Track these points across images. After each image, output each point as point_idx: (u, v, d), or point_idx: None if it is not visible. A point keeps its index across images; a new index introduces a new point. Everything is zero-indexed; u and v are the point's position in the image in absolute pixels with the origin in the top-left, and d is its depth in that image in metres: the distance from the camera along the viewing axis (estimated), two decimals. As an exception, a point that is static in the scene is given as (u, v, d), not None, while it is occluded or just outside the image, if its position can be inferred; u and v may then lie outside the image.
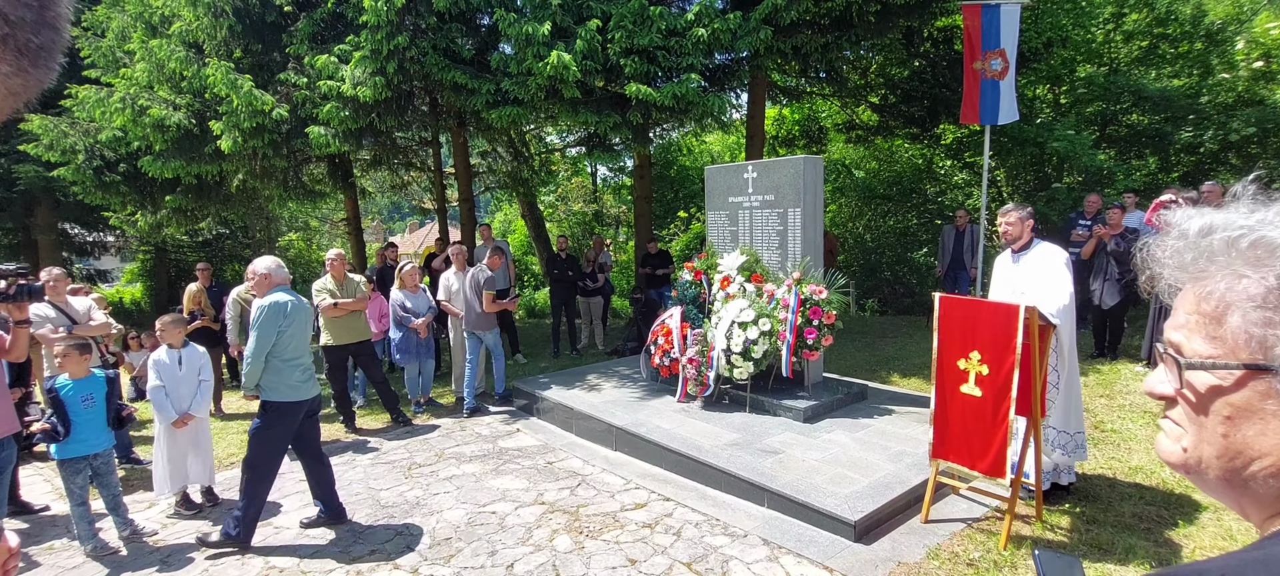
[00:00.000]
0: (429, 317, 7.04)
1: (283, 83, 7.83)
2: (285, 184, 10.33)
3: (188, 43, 8.24)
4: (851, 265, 13.67)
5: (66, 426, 4.05)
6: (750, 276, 5.92)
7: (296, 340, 4.20)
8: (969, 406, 3.78)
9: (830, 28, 7.89)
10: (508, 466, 5.36)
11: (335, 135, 7.62)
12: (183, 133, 8.13)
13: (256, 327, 4.07)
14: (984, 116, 7.75)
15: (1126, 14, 11.42)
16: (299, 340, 4.23)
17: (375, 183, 15.81)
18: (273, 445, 4.18)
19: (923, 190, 14.13)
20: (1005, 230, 4.19)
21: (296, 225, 23.17)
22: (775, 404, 5.58)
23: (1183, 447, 0.67)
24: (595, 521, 4.31)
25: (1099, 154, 10.41)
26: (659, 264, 9.95)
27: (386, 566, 3.86)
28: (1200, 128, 10.46)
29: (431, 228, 31.58)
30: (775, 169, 5.92)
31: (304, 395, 4.26)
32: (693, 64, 6.97)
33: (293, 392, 4.20)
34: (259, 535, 4.33)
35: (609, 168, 19.15)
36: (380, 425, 6.65)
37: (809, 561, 3.68)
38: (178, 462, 4.65)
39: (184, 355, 4.73)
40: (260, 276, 4.23)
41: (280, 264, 4.35)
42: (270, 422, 4.15)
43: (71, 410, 4.09)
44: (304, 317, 4.29)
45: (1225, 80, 11.01)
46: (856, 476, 4.33)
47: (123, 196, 10.47)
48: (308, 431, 4.42)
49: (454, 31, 7.54)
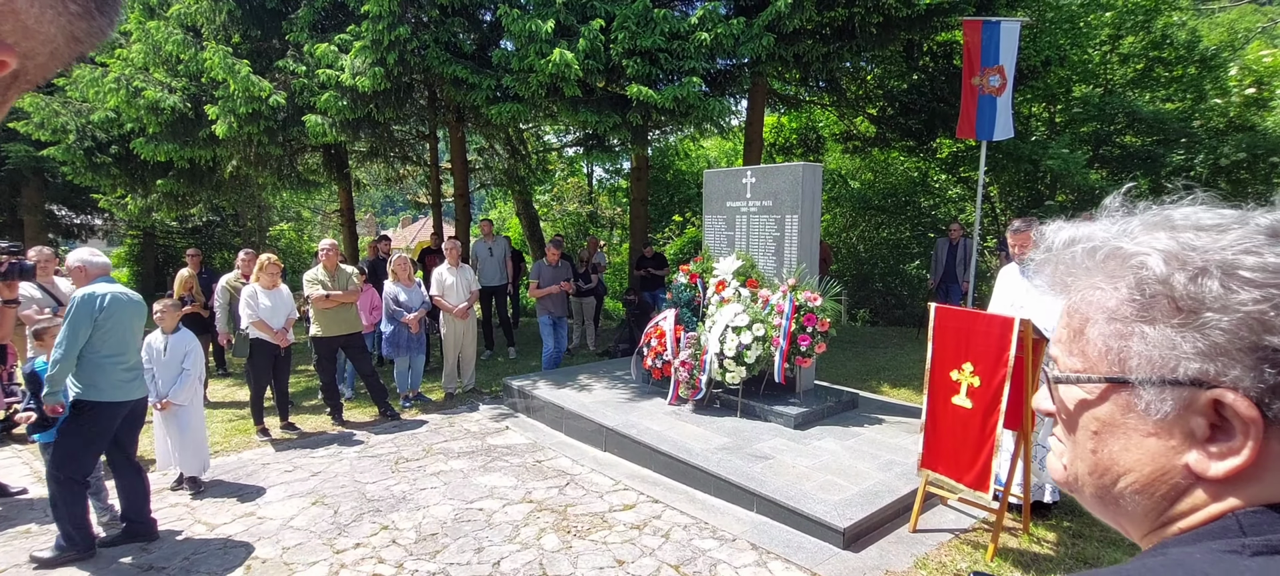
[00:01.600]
0: (422, 312, 6.99)
1: (281, 70, 7.77)
2: (279, 172, 10.26)
3: (186, 25, 8.17)
4: (844, 275, 13.72)
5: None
6: (745, 281, 5.92)
7: (116, 335, 3.81)
8: (958, 418, 3.79)
9: (832, 37, 7.92)
10: (496, 463, 5.33)
11: (332, 125, 7.57)
12: (177, 116, 8.05)
13: (66, 323, 3.71)
14: (980, 132, 7.79)
15: (1123, 36, 11.54)
16: (120, 336, 3.84)
17: (370, 175, 15.73)
18: (82, 449, 3.75)
19: (917, 203, 14.20)
20: (1017, 247, 4.15)
21: (288, 215, 22.99)
22: (766, 409, 5.57)
23: (1063, 464, 0.65)
24: (583, 521, 4.28)
25: (1092, 173, 10.49)
26: (653, 266, 9.94)
27: (371, 561, 3.82)
28: (1192, 151, 10.57)
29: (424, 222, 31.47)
30: (774, 175, 5.92)
31: (126, 396, 3.88)
32: (695, 67, 6.98)
33: (114, 392, 3.81)
34: (242, 524, 4.29)
35: (605, 169, 19.15)
36: (368, 418, 6.59)
37: (797, 567, 3.67)
38: (165, 444, 4.63)
39: (170, 341, 4.69)
40: (75, 269, 3.90)
41: (96, 253, 4.01)
42: (83, 424, 3.76)
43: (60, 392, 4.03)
44: (128, 312, 3.89)
45: (1217, 105, 11.14)
46: (846, 484, 4.33)
47: (113, 178, 10.35)
48: (125, 436, 4.01)
49: (456, 25, 7.52)
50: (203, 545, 4.03)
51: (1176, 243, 0.56)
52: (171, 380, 4.65)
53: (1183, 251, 0.55)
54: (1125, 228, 0.60)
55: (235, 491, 4.84)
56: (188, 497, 4.72)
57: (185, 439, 4.71)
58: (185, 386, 4.70)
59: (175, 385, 4.65)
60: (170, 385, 4.63)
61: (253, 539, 4.09)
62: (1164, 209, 0.61)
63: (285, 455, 5.58)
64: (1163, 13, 11.24)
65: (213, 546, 4.01)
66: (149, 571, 3.74)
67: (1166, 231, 0.57)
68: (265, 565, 3.79)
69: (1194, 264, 0.54)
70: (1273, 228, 0.55)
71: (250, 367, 6.03)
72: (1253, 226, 0.55)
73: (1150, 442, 0.57)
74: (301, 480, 5.02)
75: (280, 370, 6.06)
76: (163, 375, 4.63)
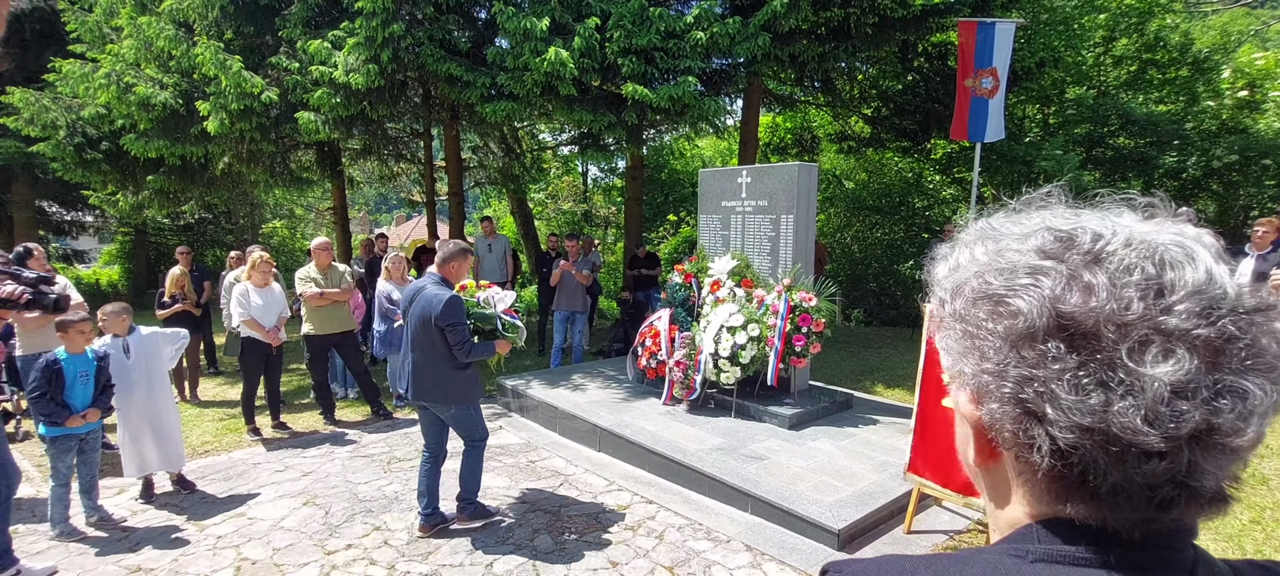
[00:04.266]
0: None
1: (274, 66, 7.71)
2: (272, 169, 10.19)
3: (178, 21, 8.09)
4: (839, 274, 13.73)
5: (61, 402, 3.95)
6: (741, 281, 5.91)
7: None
8: (948, 422, 3.78)
9: (828, 38, 7.92)
10: (489, 464, 5.28)
11: (325, 122, 7.52)
12: (169, 112, 7.97)
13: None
14: (972, 134, 7.81)
15: (1117, 38, 11.59)
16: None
17: (363, 173, 15.63)
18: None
19: (911, 203, 14.22)
20: None
21: (281, 212, 22.85)
22: (761, 410, 5.57)
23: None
24: (577, 522, 4.26)
25: (1085, 174, 10.53)
26: (646, 266, 9.93)
27: (363, 562, 3.79)
28: (1184, 153, 10.63)
29: (418, 221, 31.35)
30: (769, 175, 5.91)
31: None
32: (690, 67, 6.96)
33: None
34: (232, 524, 4.25)
35: (600, 168, 19.12)
36: (360, 418, 6.55)
37: (792, 569, 3.66)
38: (134, 449, 4.46)
39: (131, 343, 4.50)
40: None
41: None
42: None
43: (69, 386, 3.99)
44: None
45: (1210, 108, 11.20)
46: (840, 485, 4.32)
47: (104, 175, 10.25)
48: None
49: (451, 23, 7.48)
50: (192, 546, 3.99)
51: (967, 254, 0.61)
52: (142, 383, 4.47)
53: (965, 261, 0.60)
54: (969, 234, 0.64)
55: (225, 491, 4.79)
56: (177, 498, 4.67)
57: (163, 436, 4.56)
58: (155, 387, 4.54)
59: (149, 385, 4.50)
60: (137, 388, 4.45)
61: (243, 539, 4.05)
62: (994, 219, 0.62)
63: (276, 455, 5.54)
64: (1156, 15, 11.29)
65: (202, 547, 3.97)
66: (137, 573, 3.70)
67: (980, 245, 0.61)
68: (255, 566, 3.75)
69: (961, 273, 0.59)
70: (1043, 244, 0.55)
71: (241, 366, 5.98)
72: (1020, 237, 0.57)
73: (959, 428, 0.63)
74: (293, 480, 4.98)
75: (272, 369, 6.01)
76: (126, 379, 4.40)
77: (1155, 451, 0.48)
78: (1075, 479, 0.52)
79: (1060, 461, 0.51)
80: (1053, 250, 0.54)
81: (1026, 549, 0.55)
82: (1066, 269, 0.52)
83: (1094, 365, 0.49)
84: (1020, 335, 0.52)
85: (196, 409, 6.95)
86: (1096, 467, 0.50)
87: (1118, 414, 0.48)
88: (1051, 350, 0.51)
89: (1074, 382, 0.49)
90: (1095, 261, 0.52)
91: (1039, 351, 0.51)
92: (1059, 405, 0.50)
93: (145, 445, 4.51)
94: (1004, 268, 0.55)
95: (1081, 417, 0.49)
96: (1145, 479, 0.49)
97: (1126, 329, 0.49)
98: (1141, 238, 0.52)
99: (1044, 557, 0.54)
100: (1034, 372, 0.51)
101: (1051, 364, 0.50)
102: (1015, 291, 0.53)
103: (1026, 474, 0.56)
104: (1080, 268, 0.52)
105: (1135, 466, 0.49)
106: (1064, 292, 0.51)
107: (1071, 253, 0.53)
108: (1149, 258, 0.51)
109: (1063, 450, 0.51)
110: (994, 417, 0.56)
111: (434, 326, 3.77)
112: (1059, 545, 0.54)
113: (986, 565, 0.55)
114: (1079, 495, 0.52)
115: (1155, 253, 0.51)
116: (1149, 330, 0.48)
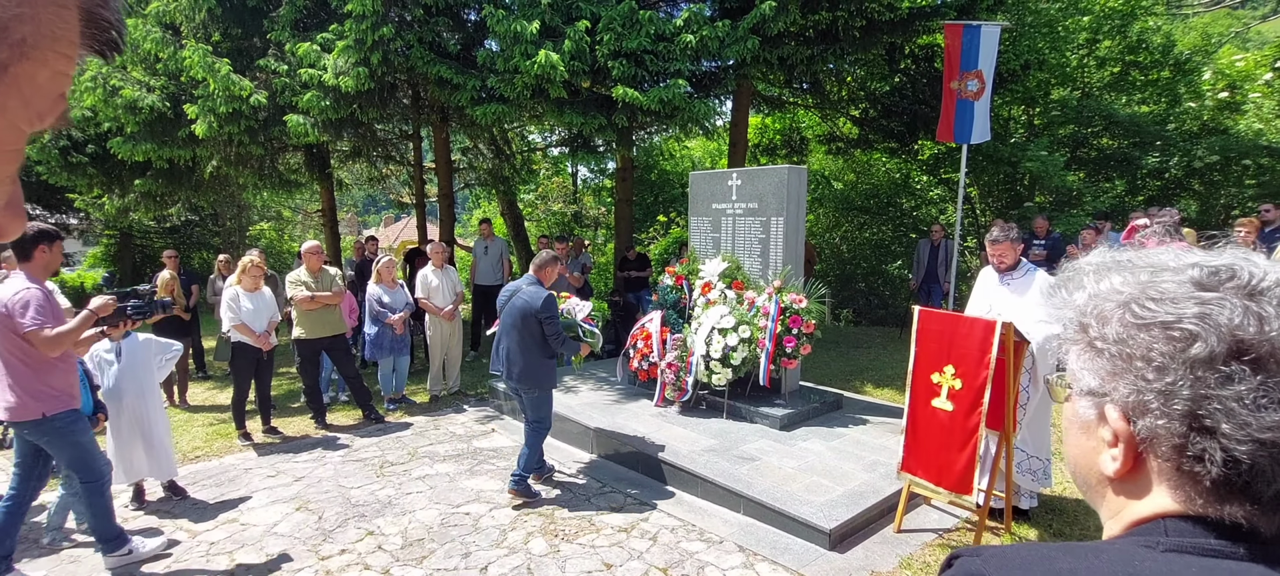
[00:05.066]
0: (406, 314, 6.95)
1: (262, 69, 7.68)
2: (260, 172, 10.13)
3: (165, 23, 8.04)
4: (828, 275, 13.82)
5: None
6: (731, 283, 5.95)
7: None
8: (938, 421, 3.84)
9: (816, 40, 7.99)
10: (482, 467, 5.31)
11: (314, 125, 7.49)
12: (156, 115, 7.92)
13: None
14: (958, 136, 7.90)
15: (1100, 40, 11.75)
16: None
17: (352, 175, 15.55)
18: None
19: (899, 204, 14.35)
20: (996, 257, 4.11)
21: (269, 215, 22.68)
22: (752, 411, 5.61)
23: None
24: (571, 524, 4.29)
25: (1069, 175, 10.68)
26: (636, 268, 9.96)
27: (357, 567, 3.79)
28: (1166, 154, 10.80)
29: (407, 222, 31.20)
30: (759, 177, 5.96)
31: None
32: (680, 69, 7.00)
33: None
34: (224, 530, 4.24)
35: (590, 169, 19.12)
36: (352, 422, 6.54)
37: (784, 568, 3.70)
38: (124, 456, 4.41)
39: (123, 347, 4.45)
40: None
41: None
42: None
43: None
44: None
45: (1191, 109, 11.39)
46: (831, 485, 4.37)
47: (89, 178, 10.17)
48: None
49: (440, 25, 7.48)
50: (184, 552, 3.98)
51: (1105, 283, 0.66)
52: (132, 389, 4.42)
53: (1105, 290, 0.66)
54: (1092, 263, 0.70)
55: (217, 497, 4.78)
56: (169, 503, 4.65)
57: (153, 443, 4.51)
58: (145, 393, 4.49)
59: (139, 392, 4.45)
60: (127, 394, 4.41)
61: (236, 545, 4.05)
62: (1119, 253, 0.69)
63: (268, 460, 5.52)
64: (1139, 17, 11.46)
65: (195, 554, 3.96)
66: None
67: (1117, 275, 0.66)
68: (249, 572, 3.75)
69: (1105, 302, 0.65)
70: (1200, 277, 0.61)
71: (232, 371, 5.95)
72: (1170, 270, 0.63)
73: (1082, 440, 0.69)
74: (285, 485, 4.97)
75: (262, 373, 5.99)
76: (116, 384, 4.37)
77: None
78: (1242, 486, 0.57)
79: (1232, 470, 0.57)
80: (1209, 282, 0.60)
81: (1156, 540, 0.61)
82: (1235, 299, 0.58)
83: (1272, 385, 0.56)
84: (1198, 359, 0.57)
85: (186, 414, 6.91)
86: (1264, 476, 0.56)
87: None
88: (1234, 372, 0.56)
89: (1254, 401, 0.55)
90: (1254, 294, 0.58)
91: (1221, 373, 0.57)
92: (1236, 421, 0.56)
93: (135, 452, 4.47)
94: (1163, 297, 0.61)
95: (1261, 432, 0.55)
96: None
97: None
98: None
99: (1174, 548, 0.59)
100: (1212, 392, 0.57)
101: (1236, 384, 0.56)
102: (1187, 319, 0.58)
103: (1185, 481, 0.61)
104: (1245, 298, 0.58)
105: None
106: (1242, 321, 0.57)
107: (1230, 285, 0.59)
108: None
109: (1236, 460, 0.56)
110: (1154, 432, 0.61)
111: (534, 318, 4.46)
112: (1188, 538, 0.59)
113: (1120, 552, 0.61)
114: (1241, 499, 0.58)
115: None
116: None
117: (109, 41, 0.45)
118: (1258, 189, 10.51)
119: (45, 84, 0.42)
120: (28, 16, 0.40)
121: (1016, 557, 0.65)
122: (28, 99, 0.42)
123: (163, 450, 4.59)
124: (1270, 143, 10.57)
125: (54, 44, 0.42)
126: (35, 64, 0.41)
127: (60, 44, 0.42)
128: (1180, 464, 0.60)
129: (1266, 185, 10.37)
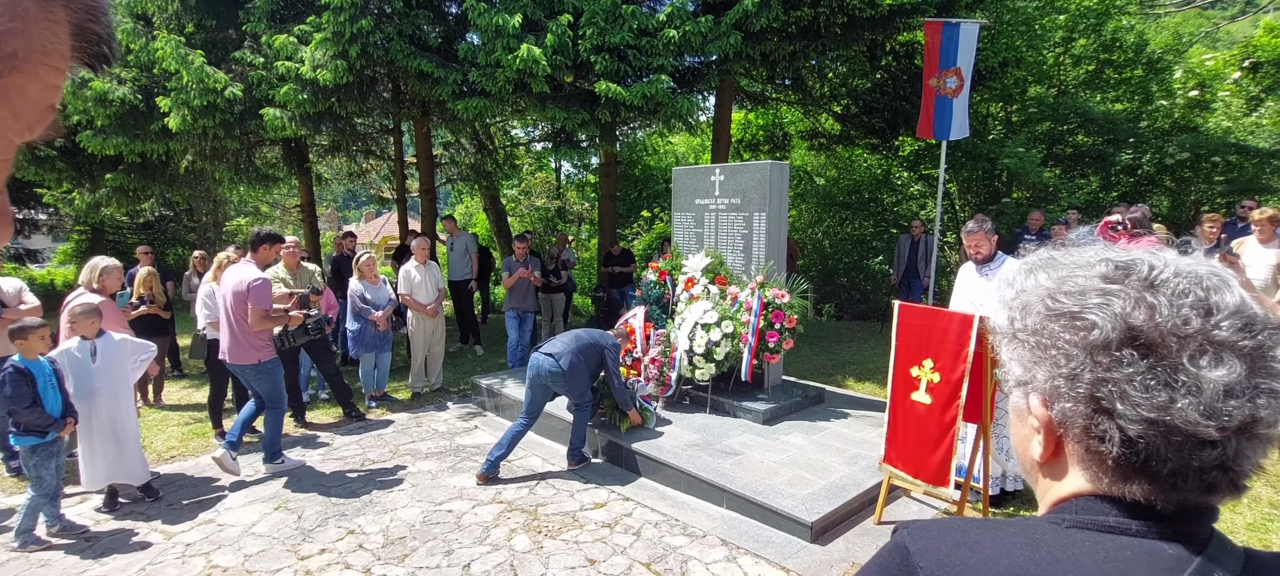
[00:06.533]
0: (389, 310, 6.87)
1: (238, 61, 7.53)
2: (237, 167, 9.96)
3: (136, 13, 7.86)
4: (810, 270, 13.92)
5: (39, 409, 3.84)
6: (714, 278, 5.96)
7: None
8: (916, 414, 3.89)
9: (798, 37, 8.02)
10: (465, 464, 5.28)
11: (292, 118, 7.37)
12: (127, 108, 7.74)
13: None
14: (937, 132, 7.99)
15: (1076, 39, 11.94)
16: None
17: (332, 170, 15.33)
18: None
19: (880, 199, 14.48)
20: (972, 248, 4.26)
21: (246, 210, 22.30)
22: (735, 405, 5.64)
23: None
24: (554, 520, 4.28)
25: (1046, 171, 10.85)
26: (620, 263, 9.95)
27: (338, 567, 3.75)
28: (1139, 151, 11.01)
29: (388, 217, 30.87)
30: (742, 173, 5.97)
31: None
32: (663, 65, 6.99)
33: None
34: (201, 531, 4.17)
35: (573, 164, 19.06)
36: (332, 420, 6.46)
37: (766, 562, 3.73)
38: (95, 458, 4.31)
39: (98, 346, 4.34)
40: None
41: None
42: None
43: (44, 392, 3.86)
44: None
45: (1163, 107, 11.63)
46: (813, 478, 4.41)
47: (58, 173, 9.92)
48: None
49: (421, 18, 7.39)
50: (160, 554, 3.91)
51: (1031, 280, 0.71)
52: (106, 388, 4.32)
53: (1031, 286, 0.70)
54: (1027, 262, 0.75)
55: (194, 497, 4.70)
56: (143, 505, 4.56)
57: (123, 445, 4.41)
58: (118, 393, 4.40)
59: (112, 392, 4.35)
60: (101, 394, 4.31)
61: (213, 547, 3.99)
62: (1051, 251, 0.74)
63: (246, 459, 5.43)
64: (1113, 16, 11.66)
65: (170, 555, 3.89)
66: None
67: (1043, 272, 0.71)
68: (226, 574, 3.70)
69: (1030, 297, 0.69)
70: (1107, 272, 0.65)
71: (208, 369, 5.85)
72: (1084, 266, 0.67)
73: (1018, 428, 0.74)
74: (263, 484, 4.90)
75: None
76: (89, 384, 4.26)
77: (1210, 440, 0.59)
78: (1140, 464, 0.62)
79: (1129, 449, 0.61)
80: (1114, 276, 0.65)
81: (1063, 518, 0.66)
82: (1132, 291, 0.62)
83: (1161, 369, 0.60)
84: (1095, 345, 0.62)
85: (161, 413, 6.78)
86: (1159, 455, 0.60)
87: (1180, 410, 0.59)
88: (1124, 356, 0.61)
89: (1144, 383, 0.60)
90: (1152, 286, 0.62)
91: (1114, 357, 0.61)
92: (1130, 402, 0.60)
93: (107, 455, 4.36)
94: (1073, 290, 0.66)
95: (1150, 412, 0.60)
96: (1200, 464, 0.60)
97: (1186, 340, 0.60)
98: (1187, 268, 0.63)
99: (1076, 524, 0.64)
100: (1108, 376, 0.62)
101: (1125, 368, 0.61)
102: (1089, 309, 0.63)
103: (1092, 462, 0.65)
104: (1142, 290, 0.62)
105: (1192, 454, 0.60)
106: (1133, 310, 0.62)
107: (1131, 278, 0.64)
108: (1197, 284, 0.62)
109: (1132, 440, 0.61)
110: (1065, 415, 0.66)
111: (597, 347, 5.05)
112: (1090, 515, 0.64)
113: (1025, 527, 0.66)
114: (1141, 477, 0.62)
115: (1200, 280, 0.62)
116: (1204, 341, 0.59)
117: (99, 55, 0.46)
118: (1226, 185, 10.76)
119: (36, 96, 0.43)
120: (19, 31, 0.40)
121: (936, 529, 0.70)
122: (18, 111, 0.42)
123: (132, 454, 4.48)
124: (1238, 140, 10.83)
125: (45, 57, 0.42)
126: (26, 77, 0.41)
127: (51, 57, 0.42)
128: (1088, 444, 0.65)
129: (1234, 181, 10.62)
